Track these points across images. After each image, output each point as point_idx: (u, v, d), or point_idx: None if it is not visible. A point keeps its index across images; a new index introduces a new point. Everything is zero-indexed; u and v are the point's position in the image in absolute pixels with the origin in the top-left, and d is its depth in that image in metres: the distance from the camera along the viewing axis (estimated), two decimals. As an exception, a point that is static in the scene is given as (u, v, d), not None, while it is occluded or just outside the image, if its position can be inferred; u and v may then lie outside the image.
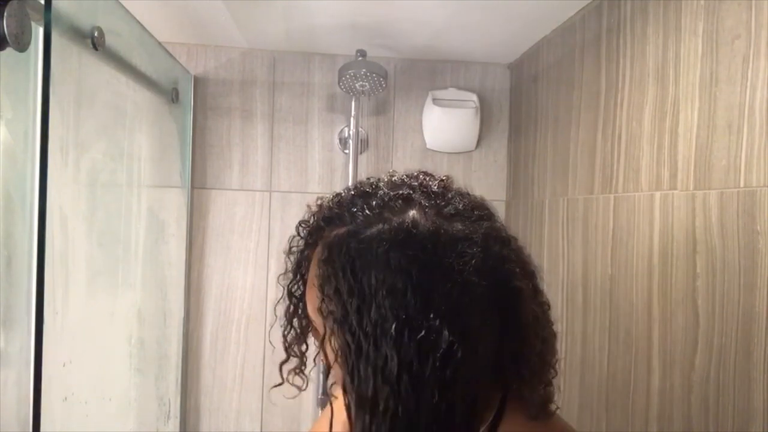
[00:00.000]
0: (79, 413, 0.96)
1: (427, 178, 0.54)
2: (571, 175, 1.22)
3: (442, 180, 0.55)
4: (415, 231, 0.47)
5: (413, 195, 0.51)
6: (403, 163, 1.64)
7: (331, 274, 0.48)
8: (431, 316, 0.45)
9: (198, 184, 1.58)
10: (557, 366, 0.57)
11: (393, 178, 0.55)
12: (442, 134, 1.61)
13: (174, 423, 1.50)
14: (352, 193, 0.54)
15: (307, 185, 1.61)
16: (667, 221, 0.89)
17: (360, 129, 1.57)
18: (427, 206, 0.50)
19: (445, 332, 0.45)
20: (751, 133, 0.72)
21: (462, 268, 0.46)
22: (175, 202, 1.50)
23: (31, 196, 0.74)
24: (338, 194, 0.55)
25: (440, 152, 1.65)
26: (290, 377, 0.61)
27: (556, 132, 1.31)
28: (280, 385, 0.61)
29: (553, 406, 0.56)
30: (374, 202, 0.50)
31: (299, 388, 0.62)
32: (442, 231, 0.48)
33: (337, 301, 0.48)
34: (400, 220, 0.48)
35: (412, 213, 0.49)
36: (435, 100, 1.59)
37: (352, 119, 1.52)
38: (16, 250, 0.74)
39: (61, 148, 0.88)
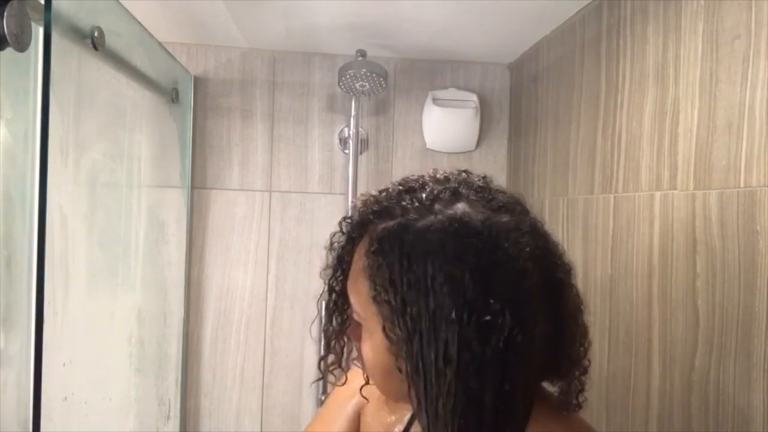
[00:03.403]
0: (79, 413, 0.96)
1: (470, 175, 0.57)
2: (571, 175, 1.22)
3: (483, 177, 0.57)
4: (468, 220, 0.49)
5: (460, 189, 0.53)
6: (403, 163, 1.64)
7: (384, 264, 0.50)
8: (491, 300, 0.46)
9: (198, 184, 1.58)
10: (589, 355, 0.58)
11: (437, 175, 0.56)
12: (442, 134, 1.61)
13: (174, 423, 1.50)
14: (400, 188, 0.55)
15: (307, 185, 1.61)
16: (667, 221, 0.89)
17: (360, 129, 1.57)
18: (475, 199, 0.52)
19: (508, 316, 0.46)
20: (751, 133, 0.73)
21: (518, 255, 0.48)
22: (175, 202, 1.50)
23: (31, 196, 0.73)
24: (385, 189, 0.56)
25: (440, 152, 1.65)
26: (328, 373, 0.62)
27: (556, 132, 1.31)
28: (319, 380, 0.62)
29: (582, 397, 0.57)
30: (423, 196, 0.52)
31: (336, 384, 0.63)
32: (494, 220, 0.49)
33: (392, 291, 0.49)
34: (452, 211, 0.50)
35: (462, 205, 0.51)
36: (435, 100, 1.59)
37: (352, 119, 1.52)
38: (16, 250, 0.74)
39: (61, 148, 0.88)
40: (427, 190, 0.53)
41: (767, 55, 0.71)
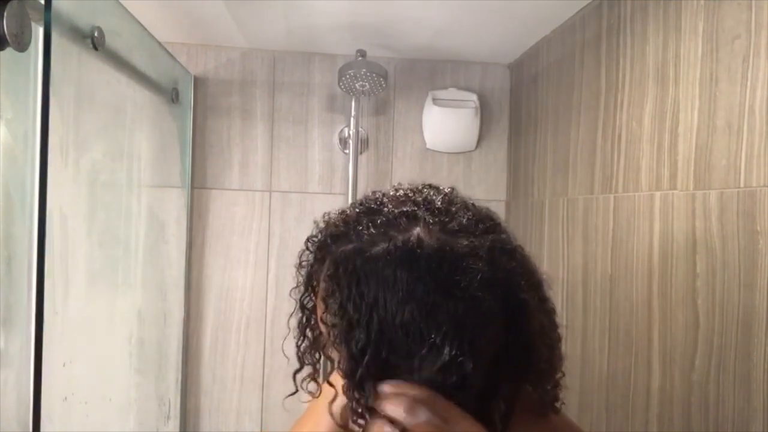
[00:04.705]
0: (79, 413, 0.96)
1: (432, 193, 0.55)
2: (571, 175, 1.22)
3: (446, 194, 0.55)
4: (419, 251, 0.48)
5: (417, 212, 0.51)
6: (403, 163, 1.64)
7: (336, 290, 0.50)
8: (433, 334, 0.47)
9: (198, 184, 1.58)
10: (563, 367, 0.58)
11: (398, 193, 0.55)
12: (442, 134, 1.61)
13: (174, 423, 1.50)
14: (357, 210, 0.54)
15: (307, 185, 1.61)
16: (667, 221, 0.89)
17: (360, 129, 1.57)
18: (431, 223, 0.50)
19: (446, 348, 0.47)
20: (751, 133, 0.73)
21: (468, 284, 0.47)
22: (175, 202, 1.50)
23: (31, 196, 0.73)
24: (344, 211, 0.56)
25: (440, 152, 1.65)
26: (304, 384, 0.62)
27: (556, 132, 1.31)
28: (294, 394, 0.62)
29: (558, 404, 0.57)
30: (379, 220, 0.51)
31: (313, 395, 0.62)
32: (447, 248, 0.48)
33: (341, 315, 0.49)
34: (405, 238, 0.49)
35: (417, 231, 0.50)
36: (435, 100, 1.59)
37: (352, 119, 1.52)
38: (16, 250, 0.74)
39: (61, 148, 0.88)
40: (384, 212, 0.52)
41: (767, 55, 0.71)
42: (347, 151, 1.57)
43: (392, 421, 0.48)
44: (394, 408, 0.48)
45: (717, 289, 0.77)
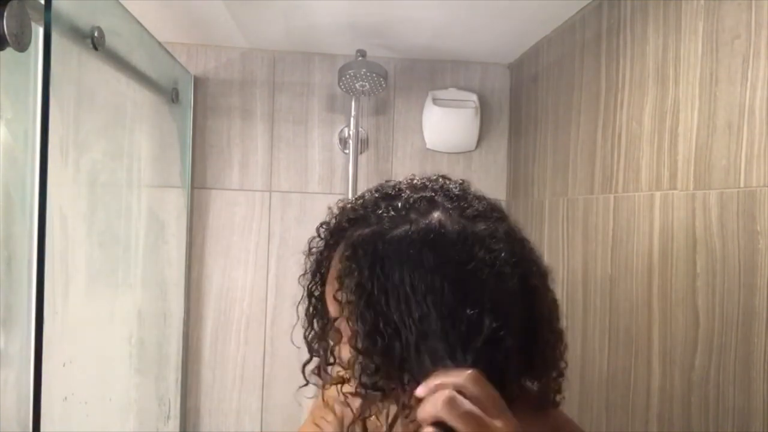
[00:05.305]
0: (79, 413, 0.96)
1: (447, 182, 0.56)
2: (571, 175, 1.22)
3: (461, 183, 0.57)
4: (443, 231, 0.49)
5: (436, 197, 0.53)
6: (403, 163, 1.64)
7: (355, 270, 0.50)
8: (470, 309, 0.47)
9: (198, 184, 1.58)
10: (566, 358, 0.59)
11: (414, 181, 0.56)
12: (442, 134, 1.61)
13: (174, 423, 1.50)
14: (376, 195, 0.55)
15: (307, 185, 1.61)
16: (667, 221, 0.89)
17: (360, 129, 1.57)
18: (450, 208, 0.52)
19: (486, 320, 0.47)
20: (751, 133, 0.73)
21: (494, 261, 0.49)
22: (175, 202, 1.50)
23: (31, 196, 0.73)
24: (361, 196, 0.56)
25: (440, 152, 1.64)
26: (313, 377, 0.62)
27: (556, 132, 1.31)
28: (305, 386, 0.62)
29: (559, 397, 0.58)
30: (399, 204, 0.52)
31: (322, 387, 0.62)
32: (468, 231, 0.50)
33: (358, 294, 0.49)
34: (427, 221, 0.50)
35: (437, 214, 0.51)
36: (435, 100, 1.59)
37: (352, 119, 1.52)
38: (16, 250, 0.74)
39: (61, 148, 0.88)
40: (403, 198, 0.53)
41: (767, 55, 0.71)
42: (347, 151, 1.57)
43: (436, 424, 0.43)
44: (431, 408, 0.43)
45: (717, 289, 0.77)
